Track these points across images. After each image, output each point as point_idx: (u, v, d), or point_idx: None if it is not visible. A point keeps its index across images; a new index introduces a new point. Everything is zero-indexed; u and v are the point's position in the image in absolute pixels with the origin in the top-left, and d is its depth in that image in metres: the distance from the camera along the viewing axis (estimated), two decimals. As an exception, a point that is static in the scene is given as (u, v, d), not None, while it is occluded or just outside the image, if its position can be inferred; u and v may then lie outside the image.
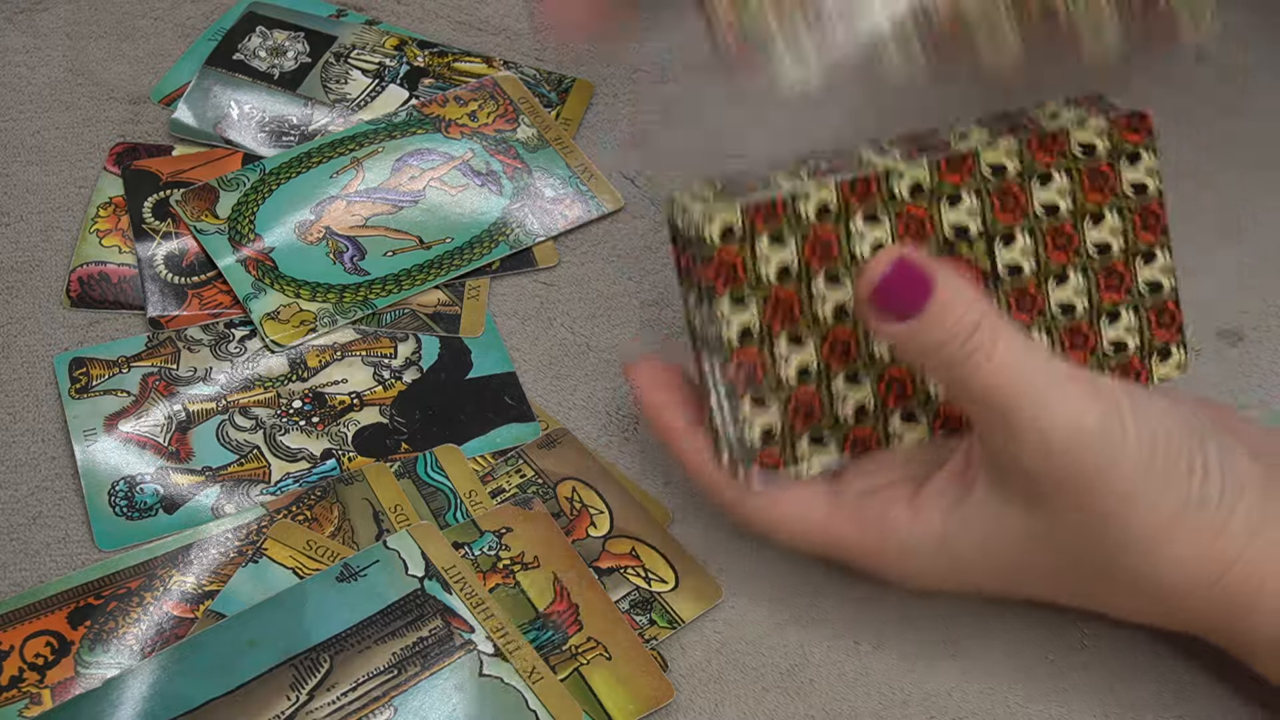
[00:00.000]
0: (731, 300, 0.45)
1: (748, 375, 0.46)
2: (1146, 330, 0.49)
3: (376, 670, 0.47)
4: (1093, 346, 0.48)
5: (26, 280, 0.58)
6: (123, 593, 0.49)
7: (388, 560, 0.49)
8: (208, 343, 0.56)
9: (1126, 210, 0.47)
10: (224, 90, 0.64)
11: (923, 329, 0.43)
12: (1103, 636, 0.50)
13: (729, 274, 0.45)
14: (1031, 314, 0.47)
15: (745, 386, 0.46)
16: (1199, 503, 0.43)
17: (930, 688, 0.48)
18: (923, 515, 0.45)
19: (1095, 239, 0.47)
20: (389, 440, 0.54)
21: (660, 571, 0.51)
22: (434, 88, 0.65)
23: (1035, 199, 0.47)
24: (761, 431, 0.46)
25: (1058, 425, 0.42)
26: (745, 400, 0.46)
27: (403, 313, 0.58)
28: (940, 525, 0.45)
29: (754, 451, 0.46)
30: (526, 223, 0.61)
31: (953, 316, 0.42)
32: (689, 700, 0.48)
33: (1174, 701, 0.48)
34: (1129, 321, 0.48)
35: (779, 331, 0.46)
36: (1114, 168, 0.47)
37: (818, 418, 0.47)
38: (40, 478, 0.53)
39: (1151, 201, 0.48)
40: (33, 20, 0.68)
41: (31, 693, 0.47)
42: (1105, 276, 0.48)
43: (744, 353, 0.45)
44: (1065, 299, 0.48)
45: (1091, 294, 0.48)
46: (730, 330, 0.45)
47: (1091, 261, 0.48)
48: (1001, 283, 0.47)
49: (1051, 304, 0.48)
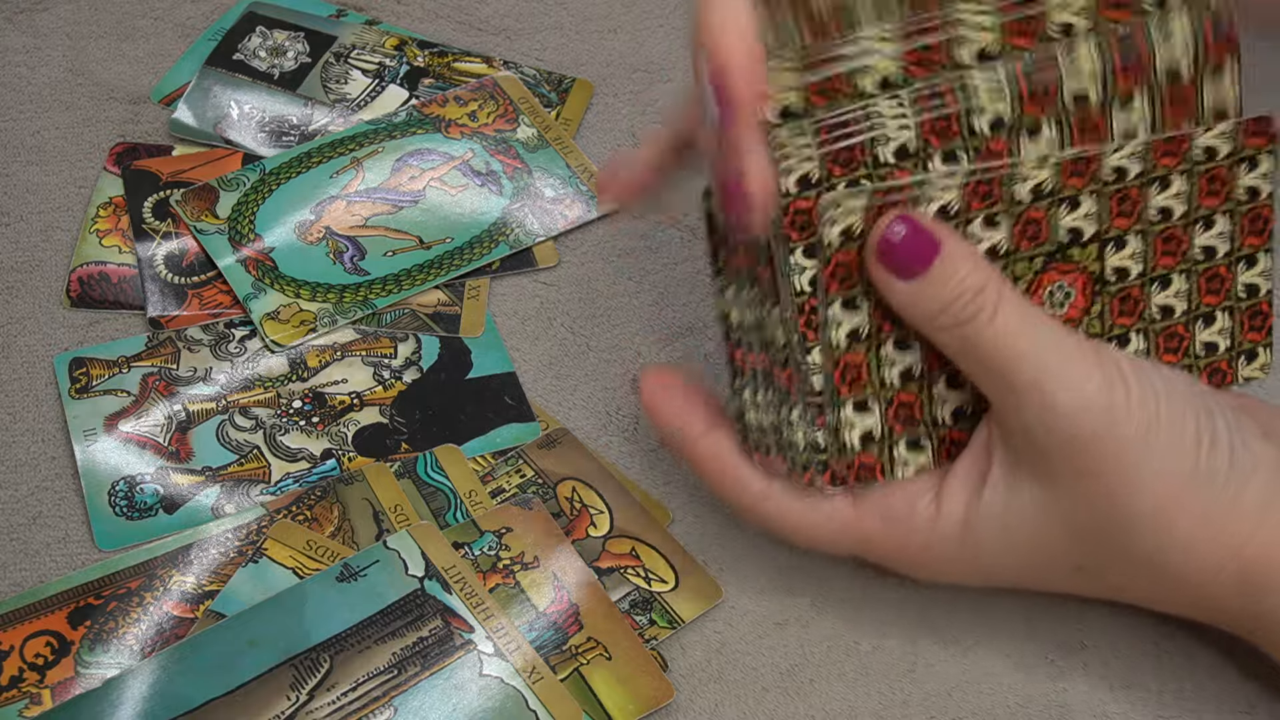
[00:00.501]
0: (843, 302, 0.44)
1: (854, 379, 0.45)
2: (1238, 332, 0.49)
3: (376, 670, 0.47)
4: (1185, 348, 0.48)
5: (26, 280, 0.58)
6: (123, 593, 0.49)
7: (388, 560, 0.49)
8: (208, 343, 0.56)
9: (1236, 214, 0.47)
10: (224, 90, 0.64)
11: (928, 288, 0.43)
12: (1103, 636, 0.50)
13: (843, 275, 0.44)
14: (1133, 317, 0.47)
15: (850, 390, 0.45)
16: (1207, 474, 0.43)
17: (930, 688, 0.48)
18: (945, 507, 0.45)
19: (1203, 243, 0.47)
20: (389, 440, 0.54)
21: (660, 571, 0.51)
22: (434, 88, 0.65)
23: (1152, 202, 0.46)
24: (861, 435, 0.46)
25: (1060, 389, 0.42)
26: (848, 404, 0.45)
27: (403, 313, 0.58)
28: (962, 515, 0.45)
29: (852, 452, 0.46)
30: (526, 223, 0.61)
31: (958, 276, 0.43)
32: (689, 700, 0.48)
33: (1174, 701, 0.48)
34: (1223, 324, 0.48)
35: (889, 333, 0.45)
36: (1232, 171, 0.47)
37: (917, 421, 0.46)
38: (40, 478, 0.53)
39: (1262, 206, 0.47)
40: (33, 20, 0.68)
41: (31, 693, 0.47)
42: (1208, 280, 0.48)
43: (851, 355, 0.45)
44: (1166, 302, 0.47)
45: (1192, 297, 0.48)
46: (839, 332, 0.45)
47: (1197, 265, 0.47)
48: (1108, 285, 0.47)
49: (1153, 307, 0.47)
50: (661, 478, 0.54)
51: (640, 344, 0.58)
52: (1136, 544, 0.43)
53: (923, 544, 0.46)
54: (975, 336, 0.43)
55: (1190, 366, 0.48)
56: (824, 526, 0.47)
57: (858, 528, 0.46)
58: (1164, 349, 0.48)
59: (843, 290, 0.44)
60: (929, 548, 0.46)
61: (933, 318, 0.43)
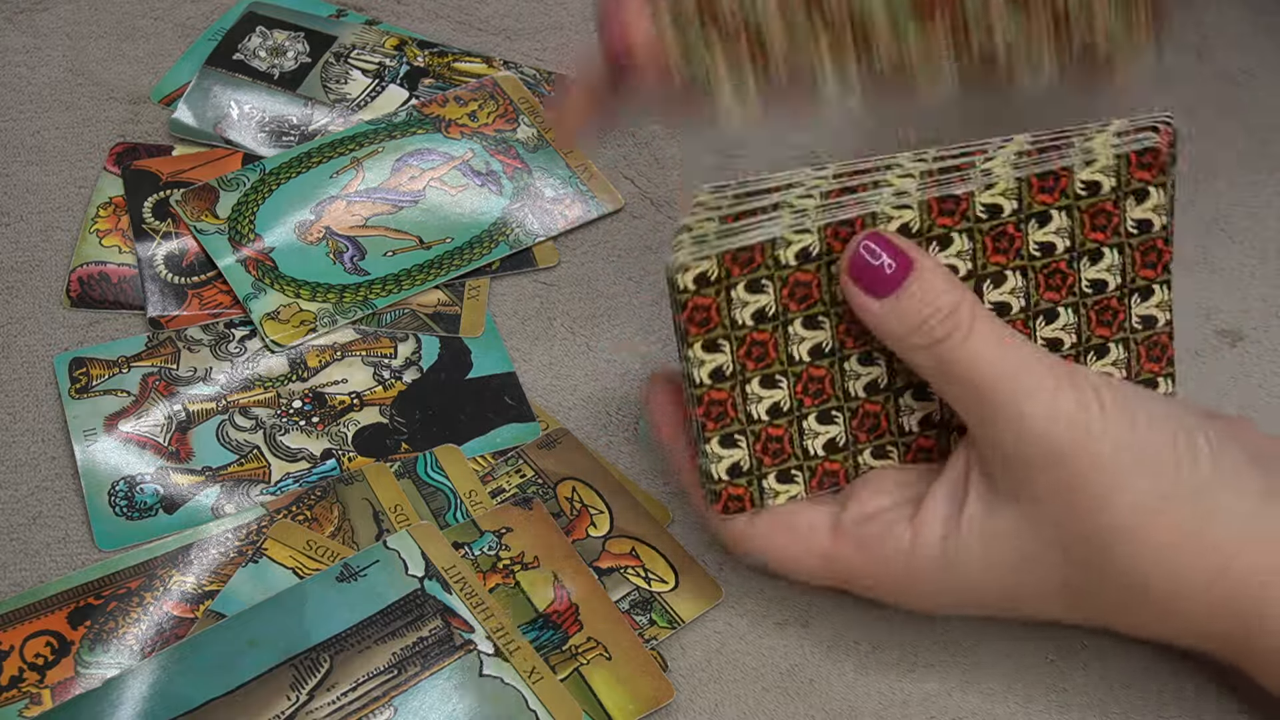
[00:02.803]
0: (704, 344, 0.45)
1: (717, 414, 0.46)
2: (1136, 364, 0.48)
3: (376, 670, 0.47)
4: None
5: (26, 280, 0.58)
6: (123, 593, 0.49)
7: (388, 560, 0.49)
8: (208, 343, 0.56)
9: (1127, 247, 0.47)
10: (224, 90, 0.64)
11: (901, 306, 0.43)
12: (1103, 637, 0.50)
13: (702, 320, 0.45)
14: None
15: (715, 425, 0.46)
16: (1186, 491, 0.43)
17: (930, 688, 0.48)
18: (923, 534, 0.45)
19: (1091, 277, 0.47)
20: (389, 440, 0.54)
21: (660, 571, 0.51)
22: (434, 88, 0.65)
23: (1031, 239, 0.46)
24: (728, 467, 0.47)
25: (1034, 406, 0.42)
26: (714, 438, 0.46)
27: (403, 313, 0.58)
28: (940, 540, 0.45)
29: (721, 484, 0.47)
30: (526, 223, 0.61)
31: (932, 294, 0.43)
32: (689, 700, 0.48)
33: (1174, 702, 0.48)
34: (1118, 355, 0.48)
35: (752, 371, 0.46)
36: (1118, 206, 0.46)
37: (787, 455, 0.47)
38: (40, 478, 0.53)
39: (1156, 238, 0.47)
40: (33, 20, 0.68)
41: (31, 693, 0.47)
42: (1098, 313, 0.47)
43: (715, 392, 0.46)
44: (1053, 335, 0.47)
45: (1081, 330, 0.47)
46: (701, 370, 0.45)
47: (1085, 298, 0.47)
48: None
49: (1038, 339, 0.47)
50: (661, 478, 0.54)
51: (640, 344, 0.58)
52: (1115, 561, 0.43)
53: (901, 571, 0.46)
54: (950, 355, 0.43)
55: None
56: (804, 559, 0.47)
57: (836, 558, 0.47)
58: None
59: (703, 334, 0.45)
60: (908, 574, 0.46)
61: (906, 336, 0.44)
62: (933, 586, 0.46)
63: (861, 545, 0.46)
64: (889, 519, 0.46)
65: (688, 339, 0.45)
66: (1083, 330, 0.47)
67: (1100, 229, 0.46)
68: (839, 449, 0.48)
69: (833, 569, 0.47)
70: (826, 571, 0.47)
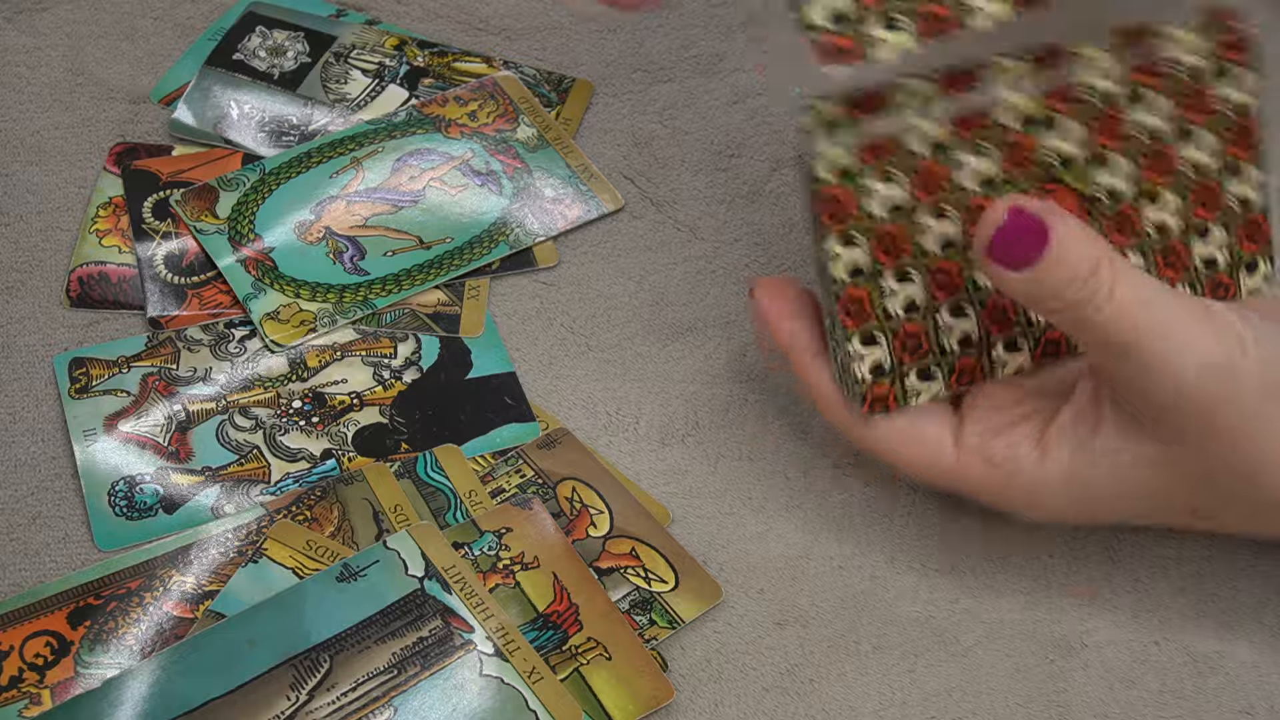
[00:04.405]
0: (840, 238, 0.45)
1: (855, 311, 0.46)
2: (1235, 245, 0.49)
3: (376, 670, 0.47)
4: (1186, 264, 0.49)
5: (26, 280, 0.58)
6: (123, 593, 0.49)
7: (388, 560, 0.49)
8: (208, 343, 0.56)
9: (1221, 127, 0.48)
10: (224, 90, 0.64)
11: (1043, 275, 0.43)
12: (1103, 636, 0.50)
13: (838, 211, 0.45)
14: (1129, 236, 0.48)
15: (855, 323, 0.46)
16: None
17: (930, 688, 0.48)
18: (1050, 455, 0.46)
19: (1190, 157, 0.48)
20: (389, 440, 0.54)
21: (660, 571, 0.51)
22: (434, 88, 0.65)
23: (1134, 121, 0.47)
24: (871, 366, 0.47)
25: (1185, 360, 0.43)
26: (855, 337, 0.46)
27: (403, 313, 0.58)
28: (1068, 463, 0.46)
29: (865, 386, 0.47)
30: (526, 223, 0.61)
31: (1071, 260, 0.43)
32: (689, 700, 0.48)
33: (1174, 701, 0.48)
34: (1220, 237, 0.49)
35: (887, 267, 0.46)
36: (1213, 87, 0.47)
37: (925, 351, 0.47)
38: (40, 478, 0.53)
39: (1247, 119, 0.48)
40: (33, 20, 0.68)
41: (31, 693, 0.47)
42: (1198, 194, 0.48)
43: (854, 290, 0.46)
44: (1160, 219, 0.48)
45: (1185, 212, 0.48)
46: (838, 268, 0.46)
47: (1186, 180, 0.48)
48: (1100, 205, 0.47)
49: (1147, 224, 0.48)
50: (661, 478, 0.54)
51: (640, 344, 0.58)
52: (1261, 490, 0.44)
53: (1026, 486, 0.47)
54: (1094, 315, 0.43)
55: (1193, 283, 0.49)
56: (931, 470, 0.48)
57: (961, 472, 0.47)
58: (1164, 265, 0.48)
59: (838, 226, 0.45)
60: (1033, 490, 0.47)
61: (1046, 300, 0.44)
62: (1060, 501, 0.47)
63: (988, 461, 0.47)
64: (1013, 436, 0.47)
65: (824, 231, 0.45)
66: (1186, 212, 0.48)
67: (1197, 108, 0.47)
68: (973, 344, 0.48)
69: (958, 481, 0.48)
70: (952, 482, 0.48)
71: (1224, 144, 0.48)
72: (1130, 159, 0.47)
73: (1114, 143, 0.47)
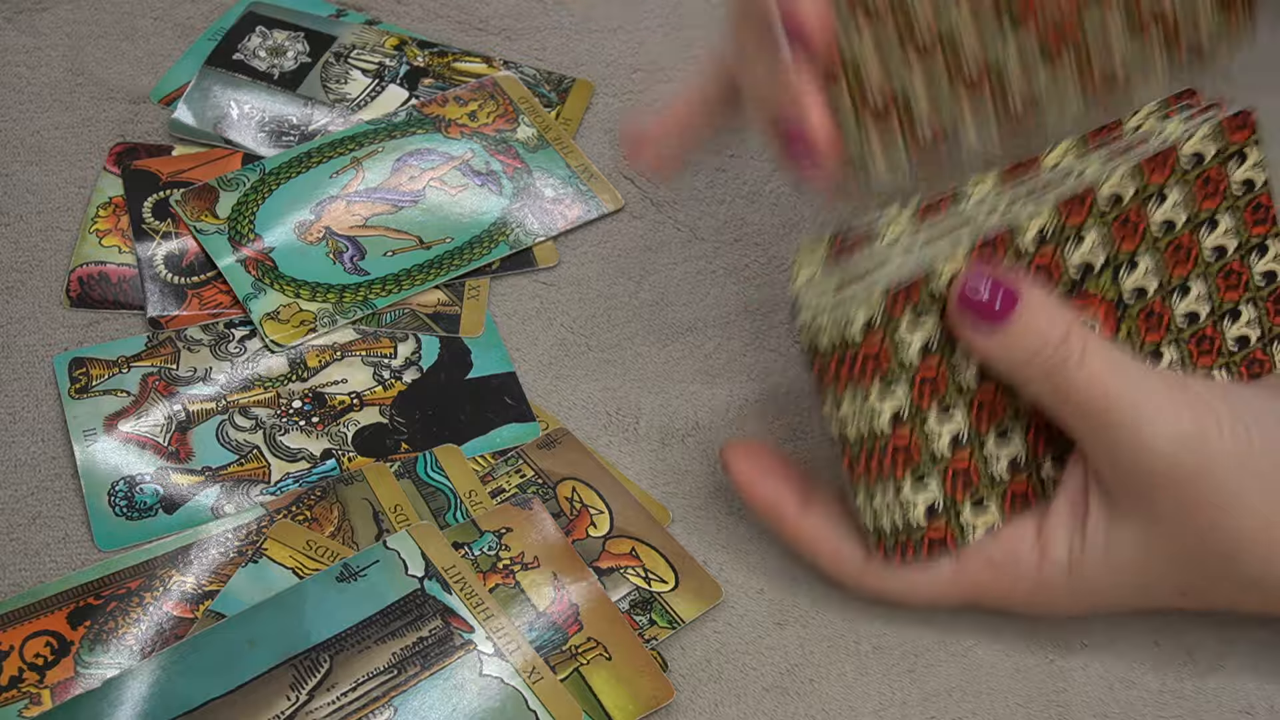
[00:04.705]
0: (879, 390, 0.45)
1: (903, 459, 0.46)
2: (1265, 320, 0.49)
3: (376, 670, 0.47)
4: (1218, 348, 0.49)
5: (26, 280, 0.58)
6: (123, 593, 0.49)
7: (388, 560, 0.49)
8: (208, 343, 0.56)
9: (1236, 209, 0.48)
10: (224, 90, 0.64)
11: (1014, 338, 0.44)
12: (1103, 636, 0.50)
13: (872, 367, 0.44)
14: (1160, 331, 0.48)
15: (903, 471, 0.46)
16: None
17: (930, 688, 0.48)
18: (1049, 553, 0.46)
19: (1212, 244, 0.48)
20: (389, 440, 0.54)
21: (660, 571, 0.51)
22: (434, 88, 0.65)
23: (1153, 219, 0.47)
24: (925, 508, 0.46)
25: (1157, 428, 0.43)
26: (906, 480, 0.46)
27: (403, 313, 0.58)
28: (1066, 556, 0.46)
29: (920, 530, 0.47)
30: (526, 223, 0.61)
31: (1041, 324, 0.43)
32: (689, 700, 0.48)
33: (1174, 702, 0.48)
34: (1249, 315, 0.49)
35: (928, 407, 0.46)
36: (1223, 170, 0.48)
37: (976, 482, 0.47)
38: (40, 478, 0.53)
39: (1260, 194, 0.48)
40: (33, 20, 0.68)
41: (31, 693, 0.47)
42: (1224, 278, 0.48)
43: (897, 438, 0.45)
44: (1190, 309, 0.48)
45: (1213, 298, 0.48)
46: (883, 420, 0.45)
47: (1209, 267, 0.48)
48: (1129, 308, 0.47)
49: (1177, 317, 0.48)
50: (661, 478, 0.54)
51: (640, 344, 0.58)
52: (1243, 568, 0.44)
53: (1031, 588, 0.47)
54: (1065, 383, 0.43)
55: (1226, 365, 0.49)
56: (932, 586, 0.48)
57: (964, 581, 0.47)
58: (1198, 354, 0.48)
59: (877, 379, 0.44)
60: (1036, 590, 0.47)
61: (1020, 367, 0.44)
62: (1061, 596, 0.47)
63: (990, 565, 0.47)
64: (1011, 539, 0.47)
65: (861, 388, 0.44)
66: (1214, 298, 0.48)
67: (1211, 195, 0.47)
68: (1021, 467, 0.47)
69: (960, 592, 0.48)
70: (955, 594, 0.48)
71: (1243, 224, 0.48)
72: (1153, 256, 0.47)
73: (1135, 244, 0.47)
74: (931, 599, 0.48)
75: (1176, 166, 0.47)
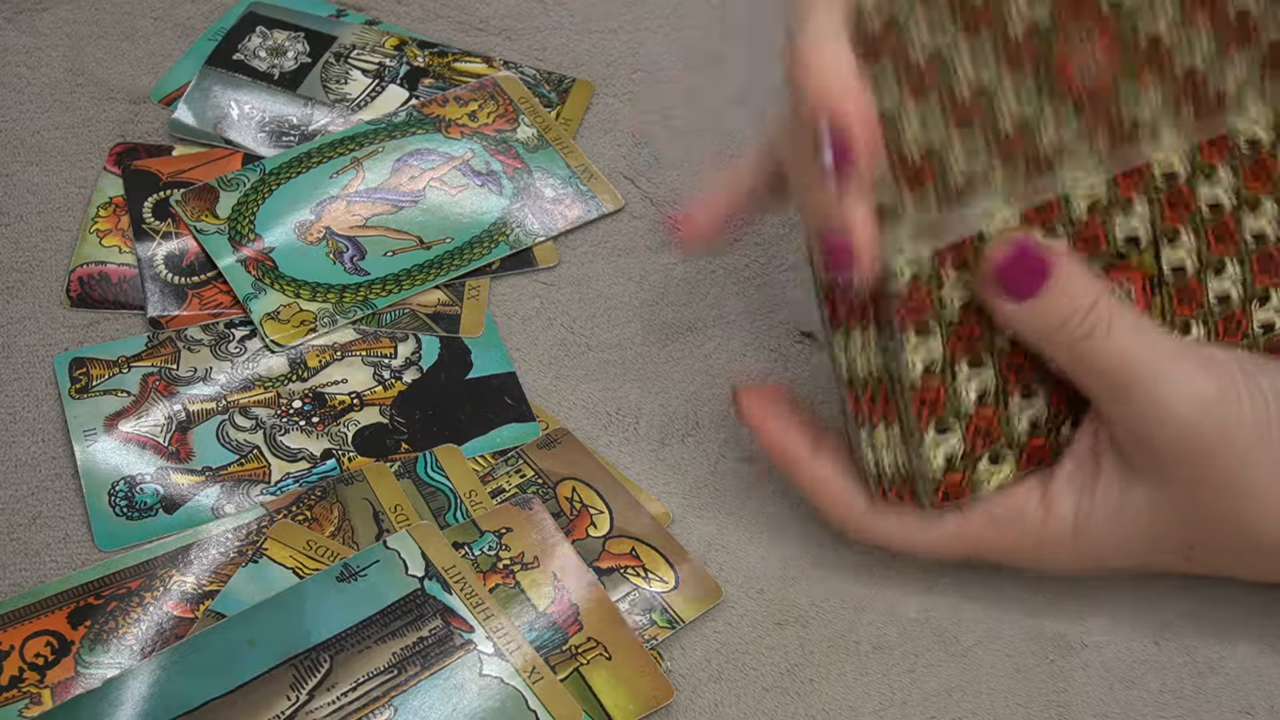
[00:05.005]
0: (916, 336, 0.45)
1: (930, 406, 0.46)
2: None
3: (376, 670, 0.47)
4: (1245, 330, 0.49)
5: (26, 280, 0.58)
6: (123, 593, 0.49)
7: (388, 560, 0.49)
8: (208, 343, 0.56)
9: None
10: (224, 90, 0.64)
11: (1043, 308, 0.44)
12: (1103, 636, 0.50)
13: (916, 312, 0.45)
14: (1192, 307, 0.48)
15: (928, 418, 0.46)
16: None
17: (930, 688, 0.48)
18: (1055, 510, 0.46)
19: (1253, 228, 0.48)
20: (389, 440, 0.54)
21: (660, 571, 0.51)
22: (434, 88, 0.65)
23: (1201, 197, 0.47)
24: (944, 458, 0.47)
25: (1180, 397, 0.43)
26: (929, 429, 0.46)
27: (403, 313, 0.58)
28: (1072, 515, 0.46)
29: (936, 479, 0.47)
30: (526, 223, 0.61)
31: (1071, 295, 0.44)
32: (689, 700, 0.48)
33: (1174, 702, 0.48)
34: (1277, 302, 0.49)
35: (959, 360, 0.46)
36: (1274, 156, 0.48)
37: (996, 437, 0.47)
38: (40, 478, 0.53)
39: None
40: (33, 20, 0.68)
41: (31, 693, 0.47)
42: (1260, 261, 0.48)
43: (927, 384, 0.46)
44: (1223, 290, 0.48)
45: (1246, 281, 0.48)
46: (914, 370, 0.46)
47: (1248, 249, 0.48)
48: (1166, 283, 0.48)
49: (1210, 296, 0.48)
50: (661, 478, 0.54)
51: (640, 344, 0.58)
52: (1256, 535, 0.45)
53: (1034, 544, 0.47)
54: (1091, 352, 0.44)
55: (1250, 346, 0.49)
56: (933, 538, 0.48)
57: (967, 534, 0.47)
58: (1224, 333, 0.49)
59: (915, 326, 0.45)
60: (1040, 546, 0.47)
61: (1048, 335, 0.45)
62: (1065, 554, 0.47)
63: (993, 522, 0.47)
64: (1018, 496, 0.47)
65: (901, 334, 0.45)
66: (1248, 281, 0.48)
67: (1260, 179, 0.48)
68: (1040, 427, 0.48)
69: (962, 547, 0.48)
70: (957, 550, 0.48)
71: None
72: (1195, 234, 0.47)
73: (1180, 220, 0.47)
74: (931, 550, 0.48)
75: (1232, 148, 0.47)
